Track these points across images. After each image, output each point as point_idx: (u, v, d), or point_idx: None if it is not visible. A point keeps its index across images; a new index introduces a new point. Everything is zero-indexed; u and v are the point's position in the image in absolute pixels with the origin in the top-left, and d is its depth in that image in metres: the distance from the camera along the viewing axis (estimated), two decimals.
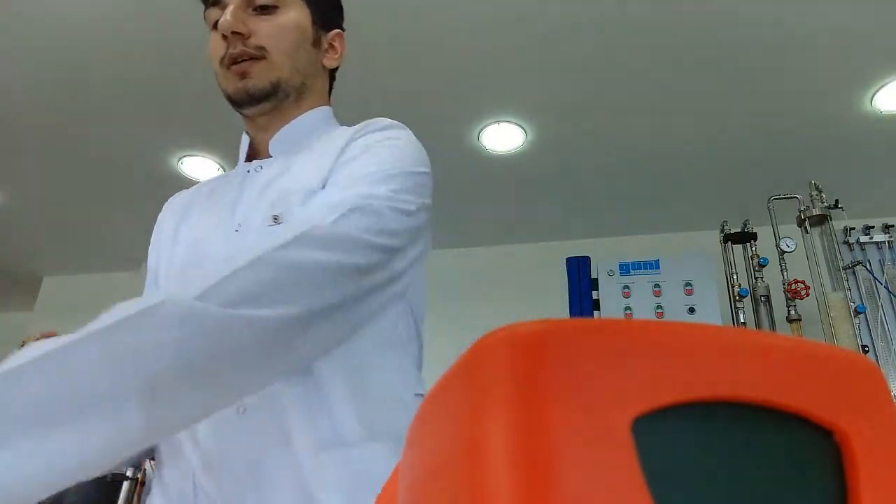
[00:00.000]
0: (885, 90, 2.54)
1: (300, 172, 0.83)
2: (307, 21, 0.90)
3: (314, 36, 0.91)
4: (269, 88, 0.85)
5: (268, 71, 0.85)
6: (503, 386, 0.19)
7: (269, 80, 0.85)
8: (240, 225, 0.81)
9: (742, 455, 0.20)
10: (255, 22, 0.85)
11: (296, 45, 0.87)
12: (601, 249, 3.39)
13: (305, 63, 0.90)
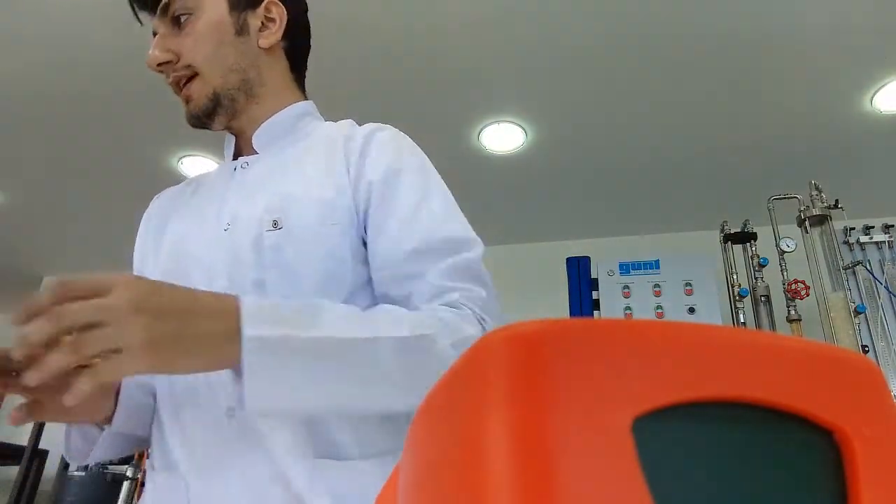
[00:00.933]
0: (885, 90, 2.54)
1: (300, 175, 0.82)
2: (222, 12, 0.86)
3: (236, 24, 0.86)
4: (209, 104, 0.84)
5: (202, 87, 0.84)
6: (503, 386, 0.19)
7: (207, 95, 0.84)
8: (229, 224, 0.80)
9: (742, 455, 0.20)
10: (179, 40, 0.84)
11: (215, 46, 0.84)
12: (601, 249, 3.39)
13: (235, 58, 0.86)
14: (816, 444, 0.21)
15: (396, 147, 0.85)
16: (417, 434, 0.24)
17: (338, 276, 0.75)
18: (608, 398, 0.18)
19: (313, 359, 0.59)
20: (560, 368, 0.18)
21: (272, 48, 0.90)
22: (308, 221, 0.76)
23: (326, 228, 0.76)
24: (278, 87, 0.92)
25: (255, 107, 0.88)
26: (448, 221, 0.80)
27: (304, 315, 0.62)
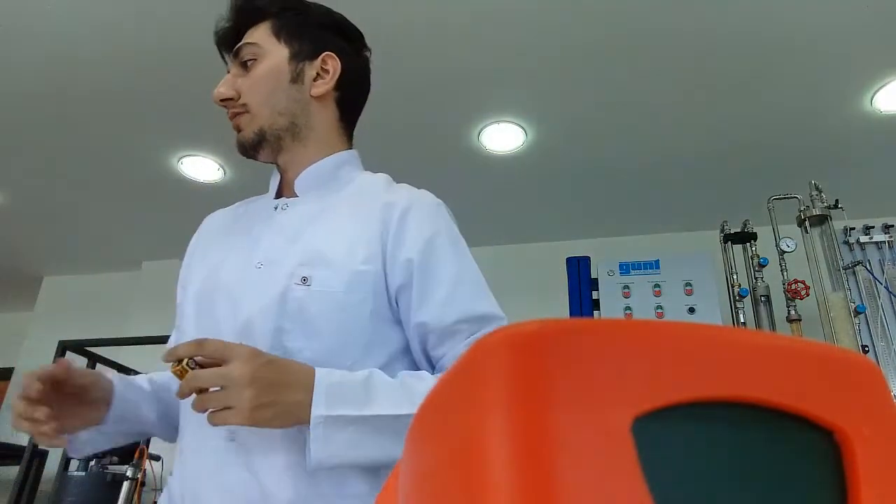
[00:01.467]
0: (885, 90, 2.54)
1: (334, 235, 0.90)
2: (283, 61, 0.96)
3: (293, 73, 0.96)
4: (255, 137, 0.95)
5: (250, 122, 0.95)
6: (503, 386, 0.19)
7: (253, 130, 0.95)
8: (261, 263, 0.89)
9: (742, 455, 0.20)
10: (243, 81, 0.95)
11: (270, 91, 0.95)
12: (601, 249, 3.39)
13: (286, 102, 0.96)
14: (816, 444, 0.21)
15: (433, 223, 0.94)
16: (418, 434, 0.24)
17: (353, 336, 0.86)
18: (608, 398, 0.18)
19: (361, 431, 0.77)
20: (560, 368, 0.18)
21: (323, 97, 0.99)
22: (335, 286, 0.86)
23: (352, 296, 0.86)
24: (325, 134, 1.01)
25: (301, 148, 0.98)
26: (480, 299, 0.94)
27: (361, 394, 0.78)
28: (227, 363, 0.72)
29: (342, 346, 0.84)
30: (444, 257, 0.92)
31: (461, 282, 0.92)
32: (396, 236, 0.90)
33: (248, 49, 0.95)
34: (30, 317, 4.58)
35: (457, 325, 0.88)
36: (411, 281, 0.89)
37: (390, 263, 0.89)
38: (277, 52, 0.96)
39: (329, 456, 0.76)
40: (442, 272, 0.90)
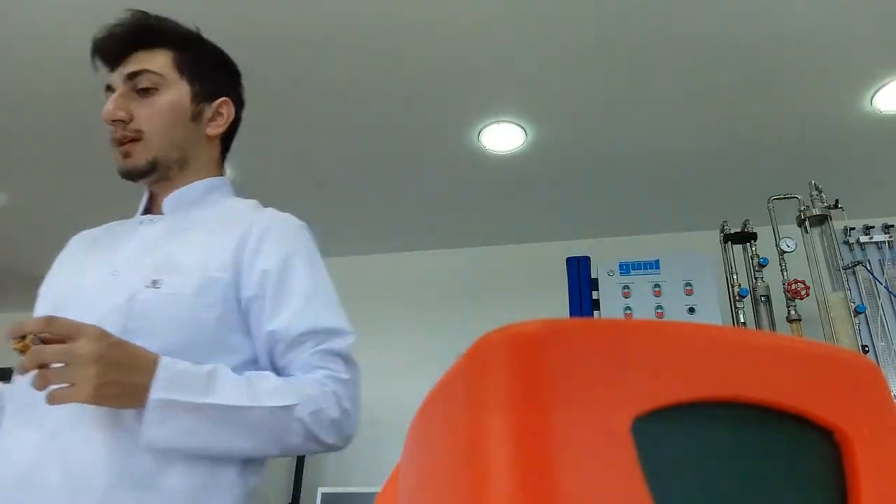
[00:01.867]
0: (885, 90, 2.54)
1: (191, 245, 0.96)
2: (186, 99, 1.02)
3: (193, 111, 1.03)
4: (145, 167, 1.00)
5: (144, 151, 0.99)
6: (503, 385, 0.19)
7: (146, 158, 0.99)
8: (116, 271, 0.94)
9: (742, 455, 0.20)
10: (137, 105, 0.99)
11: (170, 124, 1.00)
12: (601, 249, 3.39)
13: (182, 138, 1.02)
14: (816, 444, 0.21)
15: (293, 241, 1.01)
16: (418, 433, 0.24)
17: (198, 340, 0.90)
18: (608, 398, 0.18)
19: (198, 420, 0.81)
20: (560, 368, 0.18)
21: (213, 136, 1.09)
22: (185, 290, 0.91)
23: (200, 300, 0.91)
24: (204, 165, 1.09)
25: (181, 177, 1.05)
26: (331, 314, 0.98)
27: (201, 383, 0.83)
28: (74, 341, 0.75)
29: (186, 348, 0.88)
30: (301, 272, 0.97)
31: (314, 296, 0.97)
32: (254, 250, 0.96)
33: (149, 77, 1.00)
34: (30, 317, 4.57)
35: (304, 336, 0.93)
36: (265, 292, 0.94)
37: (245, 274, 0.94)
38: (180, 88, 1.02)
39: (163, 438, 0.80)
40: (296, 285, 0.96)
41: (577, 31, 2.32)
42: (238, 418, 0.83)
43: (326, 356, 0.93)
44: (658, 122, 2.78)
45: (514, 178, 3.21)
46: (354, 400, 0.95)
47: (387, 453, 3.43)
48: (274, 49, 2.40)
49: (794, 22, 2.25)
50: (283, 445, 0.87)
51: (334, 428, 0.91)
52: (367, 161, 3.06)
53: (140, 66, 1.00)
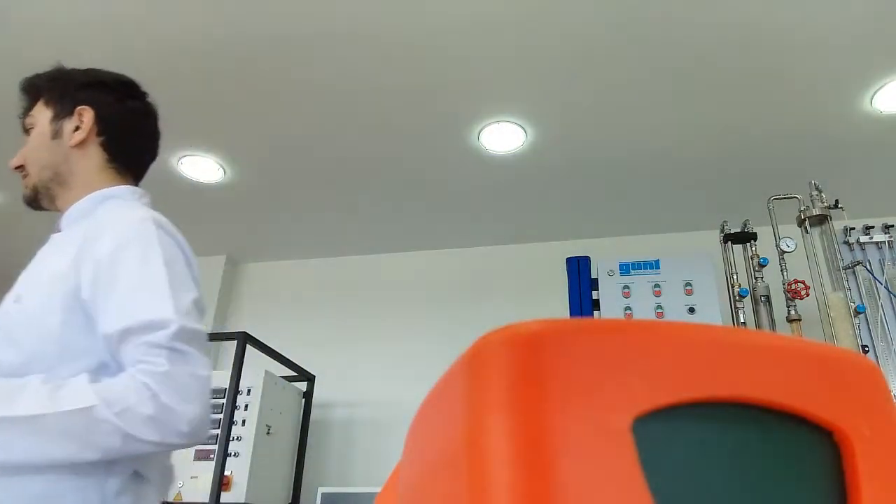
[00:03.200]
0: (885, 90, 2.54)
1: (52, 255, 1.05)
2: (46, 122, 1.12)
3: (53, 130, 1.12)
4: (30, 194, 1.11)
5: (27, 181, 1.12)
6: (503, 385, 0.19)
7: (28, 187, 1.12)
8: (14, 293, 1.03)
9: (742, 455, 0.20)
10: (25, 149, 1.10)
11: (35, 150, 1.11)
12: (601, 249, 3.39)
13: (48, 158, 1.11)
14: (816, 444, 0.21)
15: (128, 233, 1.01)
16: (418, 433, 0.24)
17: (47, 346, 0.95)
18: (608, 398, 0.18)
19: (1, 432, 0.86)
20: (560, 368, 0.18)
21: (83, 145, 1.13)
22: (34, 302, 0.98)
23: (45, 308, 0.97)
24: (90, 176, 1.13)
25: (69, 193, 1.11)
26: (152, 306, 0.96)
27: (5, 397, 0.88)
28: None
29: (38, 355, 0.94)
30: (128, 265, 0.98)
31: (139, 288, 0.97)
32: (88, 250, 0.99)
33: (26, 121, 1.14)
34: None
35: (126, 332, 0.93)
36: (97, 292, 0.96)
37: (82, 276, 0.97)
38: (42, 117, 1.13)
39: None
40: (122, 280, 0.96)
41: (577, 32, 2.32)
42: (41, 427, 0.86)
43: (148, 349, 0.92)
44: (658, 122, 2.78)
45: (514, 178, 3.21)
46: (182, 392, 0.89)
47: (387, 453, 3.44)
48: (273, 49, 2.40)
49: (794, 22, 2.25)
50: (100, 448, 0.87)
51: (153, 425, 0.86)
52: (366, 161, 3.06)
53: (24, 114, 1.15)
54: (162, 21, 2.29)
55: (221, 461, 2.70)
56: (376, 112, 2.75)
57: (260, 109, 2.73)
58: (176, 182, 3.21)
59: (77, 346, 0.95)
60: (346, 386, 3.50)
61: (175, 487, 2.91)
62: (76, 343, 0.95)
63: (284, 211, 3.47)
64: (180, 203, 3.38)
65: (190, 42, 2.37)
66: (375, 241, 3.83)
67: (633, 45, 2.38)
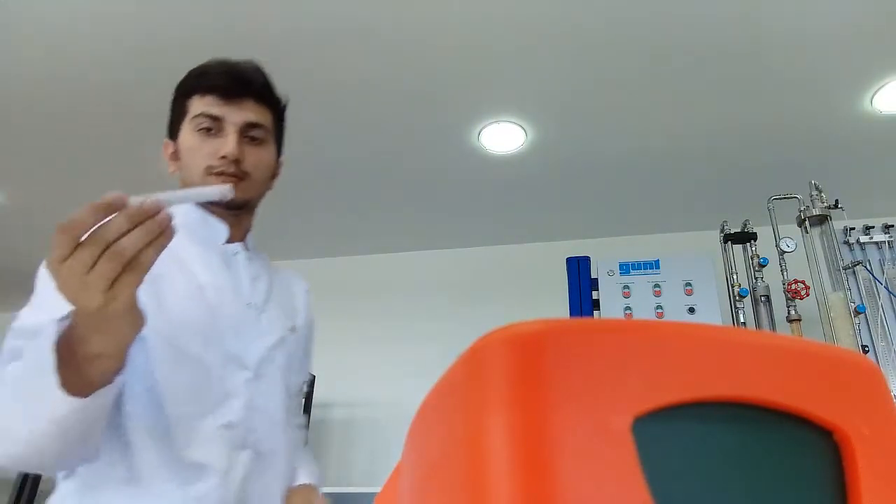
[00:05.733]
0: (885, 90, 2.54)
1: (290, 298, 1.19)
2: (274, 157, 1.14)
3: (275, 170, 1.16)
4: (243, 203, 1.08)
5: (246, 191, 1.06)
6: (503, 385, 0.19)
7: (246, 198, 1.07)
8: (254, 304, 1.05)
9: (742, 455, 0.20)
10: (246, 150, 1.05)
11: (265, 177, 1.11)
12: (601, 249, 3.39)
13: (264, 189, 1.14)
14: (816, 444, 0.21)
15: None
16: (418, 433, 0.24)
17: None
18: (608, 398, 0.18)
19: None
20: (560, 368, 0.18)
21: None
22: (299, 338, 1.13)
23: (299, 346, 1.14)
24: (253, 216, 1.20)
25: (246, 218, 1.14)
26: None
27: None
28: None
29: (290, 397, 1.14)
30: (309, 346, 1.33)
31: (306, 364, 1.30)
32: (306, 319, 1.25)
33: (262, 131, 1.08)
34: None
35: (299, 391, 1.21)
36: (300, 352, 1.21)
37: (301, 334, 1.20)
38: (273, 149, 1.13)
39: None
40: (307, 354, 1.30)
41: (577, 32, 2.32)
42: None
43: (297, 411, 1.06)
44: (658, 122, 2.78)
45: (514, 178, 3.21)
46: None
47: (387, 453, 3.44)
48: (273, 49, 2.40)
49: (794, 22, 2.25)
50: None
51: None
52: (366, 161, 3.06)
53: (257, 118, 1.08)
54: (161, 21, 2.29)
55: None
56: (376, 112, 2.75)
57: None
58: (175, 182, 3.20)
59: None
60: (346, 386, 3.50)
61: None
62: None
63: (283, 211, 3.47)
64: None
65: (190, 42, 2.37)
66: (375, 241, 3.83)
67: (634, 46, 2.37)
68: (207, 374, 0.92)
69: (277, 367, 1.01)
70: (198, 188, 0.96)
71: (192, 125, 1.07)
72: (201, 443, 0.89)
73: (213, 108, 1.06)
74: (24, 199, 3.55)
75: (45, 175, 3.29)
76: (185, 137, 1.07)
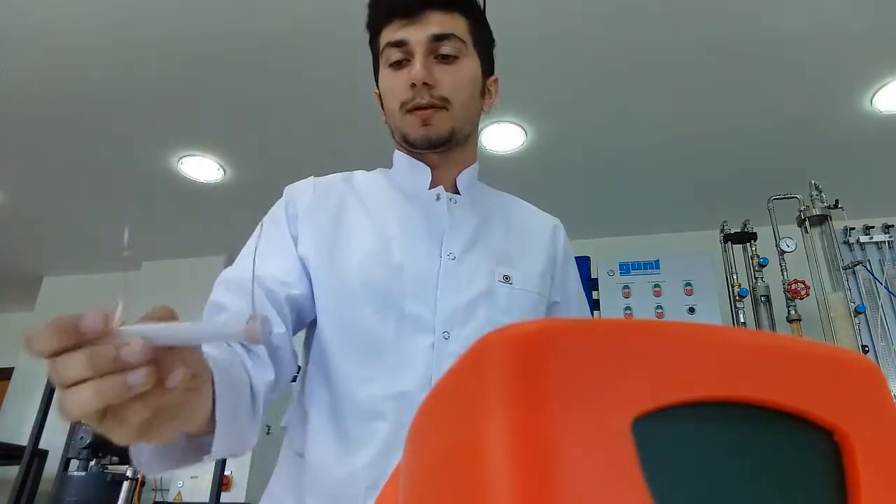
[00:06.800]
0: (885, 90, 2.54)
1: (522, 244, 0.96)
2: (479, 72, 0.95)
3: (482, 86, 0.96)
4: (446, 136, 0.90)
5: (447, 121, 0.89)
6: (504, 385, 0.19)
7: (447, 129, 0.90)
8: (451, 254, 0.89)
9: (742, 455, 0.20)
10: (439, 71, 0.89)
11: (471, 96, 0.92)
12: (601, 249, 3.39)
13: (474, 112, 0.95)
14: (816, 444, 0.21)
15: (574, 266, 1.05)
16: (418, 434, 0.24)
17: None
18: (608, 398, 0.18)
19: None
20: (560, 368, 0.18)
21: (485, 113, 1.01)
22: (530, 286, 0.91)
23: (537, 295, 0.92)
24: (475, 145, 1.01)
25: (460, 152, 0.96)
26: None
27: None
28: None
29: None
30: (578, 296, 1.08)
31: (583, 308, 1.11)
32: (564, 269, 1.02)
33: (454, 43, 0.91)
34: (30, 317, 4.58)
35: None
36: (556, 300, 0.99)
37: (553, 287, 0.98)
38: (475, 60, 0.94)
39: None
40: (574, 303, 1.07)
41: (577, 32, 2.32)
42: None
43: None
44: (658, 122, 2.78)
45: (514, 178, 3.21)
46: None
47: None
48: (274, 49, 2.40)
49: (795, 22, 2.25)
50: None
51: None
52: (367, 161, 3.05)
53: (445, 28, 0.90)
54: (162, 20, 2.29)
55: (221, 461, 2.70)
56: (376, 112, 2.75)
57: (260, 109, 2.73)
58: (176, 182, 3.21)
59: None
60: None
61: (175, 487, 2.91)
62: None
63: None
64: (180, 203, 3.38)
65: (190, 42, 2.37)
66: None
67: (634, 46, 2.38)
68: (377, 343, 0.82)
69: (479, 326, 0.84)
70: (213, 323, 0.65)
71: (384, 61, 0.94)
72: (365, 417, 0.80)
73: (396, 34, 0.91)
74: (24, 199, 3.56)
75: (45, 175, 3.29)
76: (382, 79, 0.95)
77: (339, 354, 0.84)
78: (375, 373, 0.81)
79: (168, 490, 2.95)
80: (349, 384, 0.82)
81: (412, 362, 0.81)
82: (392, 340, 0.82)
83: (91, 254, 4.20)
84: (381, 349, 0.82)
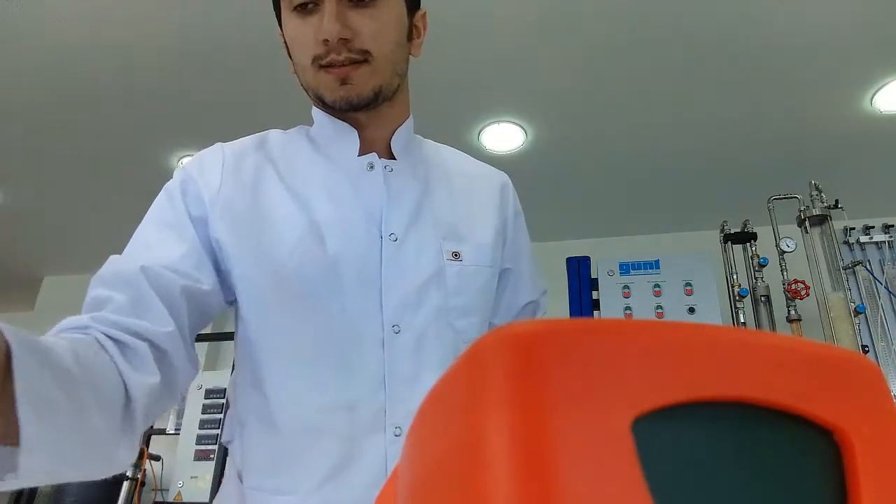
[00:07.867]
0: (885, 90, 2.54)
1: (467, 210, 0.86)
2: (403, 10, 0.79)
3: (408, 28, 0.81)
4: (371, 96, 0.77)
5: (370, 77, 0.76)
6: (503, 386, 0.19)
7: (371, 88, 0.76)
8: (393, 234, 0.77)
9: (742, 455, 0.20)
10: (355, 18, 0.73)
11: (396, 44, 0.78)
12: (601, 249, 3.39)
13: (401, 61, 0.81)
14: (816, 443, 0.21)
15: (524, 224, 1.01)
16: (417, 435, 0.24)
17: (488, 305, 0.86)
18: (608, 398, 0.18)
19: None
20: (559, 369, 0.18)
21: (414, 57, 0.85)
22: (481, 261, 0.83)
23: (490, 269, 0.85)
24: (405, 96, 0.87)
25: (388, 109, 0.83)
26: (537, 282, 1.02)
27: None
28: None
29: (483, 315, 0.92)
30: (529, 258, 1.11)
31: (536, 281, 1.15)
32: (514, 227, 1.04)
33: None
34: (30, 317, 4.58)
35: (528, 307, 1.07)
36: (509, 267, 0.98)
37: (503, 248, 0.96)
38: (396, 2, 0.78)
39: None
40: (526, 273, 1.12)
41: (577, 32, 2.32)
42: None
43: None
44: (658, 122, 2.78)
45: (514, 178, 3.20)
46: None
47: None
48: (274, 49, 2.40)
49: (795, 22, 2.25)
50: None
51: None
52: None
53: None
54: (162, 19, 2.29)
55: (221, 461, 2.70)
56: None
57: (260, 109, 2.73)
58: None
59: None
60: None
61: (175, 487, 2.91)
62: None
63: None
64: None
65: (189, 41, 2.37)
66: None
67: (633, 46, 2.37)
68: (317, 345, 0.70)
69: (432, 314, 0.74)
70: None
71: (287, 5, 0.78)
72: (308, 433, 0.68)
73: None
74: (23, 199, 3.56)
75: (44, 175, 3.29)
76: (285, 25, 0.80)
77: (271, 359, 0.72)
78: (317, 380, 0.70)
79: (168, 490, 2.95)
80: (285, 394, 0.70)
81: (360, 365, 0.70)
82: (334, 341, 0.70)
83: (91, 254, 4.20)
84: (322, 353, 0.70)
